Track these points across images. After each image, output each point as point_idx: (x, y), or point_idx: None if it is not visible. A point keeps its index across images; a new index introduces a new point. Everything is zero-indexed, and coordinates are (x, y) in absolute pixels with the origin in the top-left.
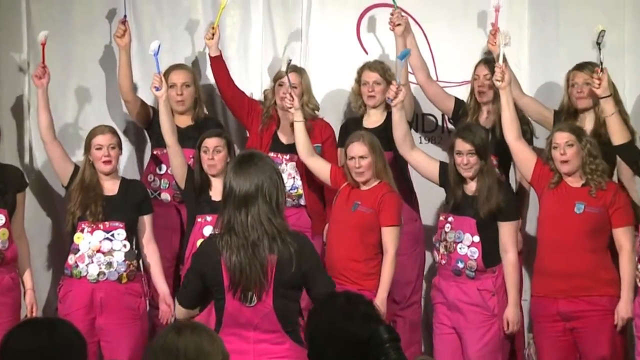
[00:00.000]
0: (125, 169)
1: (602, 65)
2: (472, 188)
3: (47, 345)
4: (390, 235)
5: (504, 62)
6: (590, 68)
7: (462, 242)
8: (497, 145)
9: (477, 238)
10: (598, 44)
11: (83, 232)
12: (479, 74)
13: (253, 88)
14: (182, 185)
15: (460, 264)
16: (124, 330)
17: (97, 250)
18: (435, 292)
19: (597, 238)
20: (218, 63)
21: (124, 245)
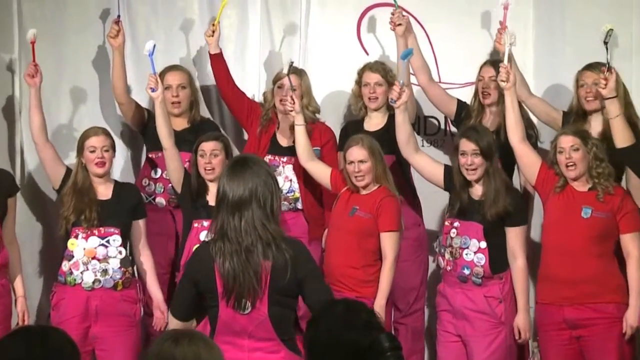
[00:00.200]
0: (119, 172)
1: (609, 65)
2: (478, 192)
3: (39, 354)
4: (389, 241)
5: (510, 62)
6: (599, 68)
7: (468, 248)
8: (501, 149)
9: (483, 244)
10: (605, 43)
11: (77, 238)
12: (484, 75)
13: (250, 90)
14: (178, 190)
15: (466, 271)
16: (120, 338)
17: (92, 257)
18: (440, 299)
19: (603, 243)
20: (218, 61)
21: (120, 252)
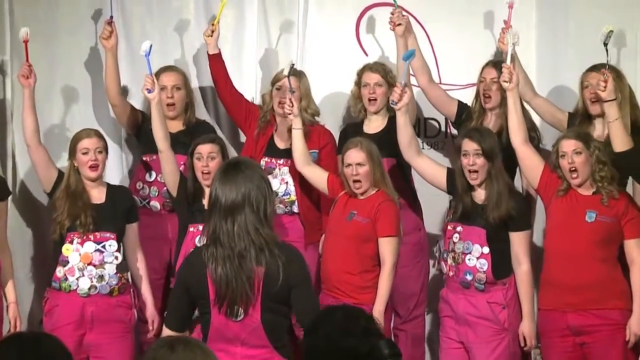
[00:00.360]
0: (112, 175)
1: (608, 67)
2: (481, 196)
3: None
4: (388, 246)
5: (513, 62)
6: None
7: (470, 253)
8: (503, 151)
9: (486, 249)
10: (605, 45)
11: (73, 243)
12: (486, 77)
13: (247, 91)
14: (174, 193)
15: (469, 276)
16: (115, 345)
17: (88, 263)
18: (443, 304)
19: (607, 248)
20: (217, 61)
21: (116, 258)
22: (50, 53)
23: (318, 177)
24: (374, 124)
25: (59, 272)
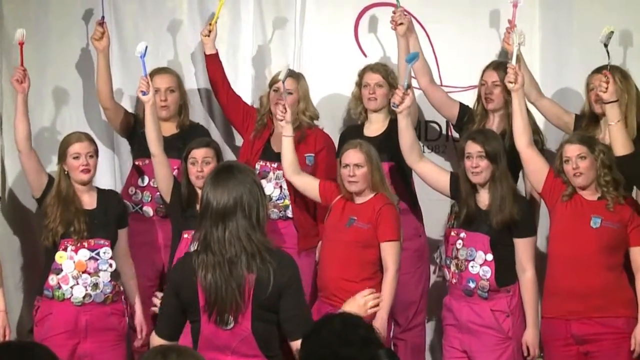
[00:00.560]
0: (104, 180)
1: (610, 68)
2: (485, 201)
3: None
4: (391, 251)
5: (518, 62)
6: (612, 72)
7: (474, 260)
8: (506, 154)
9: (490, 256)
10: (606, 46)
11: (66, 250)
12: (487, 80)
13: (243, 93)
14: (167, 199)
15: (472, 284)
16: (109, 354)
17: (82, 271)
18: (446, 312)
19: (613, 255)
20: (214, 62)
21: (110, 265)
22: (41, 54)
23: (309, 185)
24: (375, 127)
25: (52, 280)
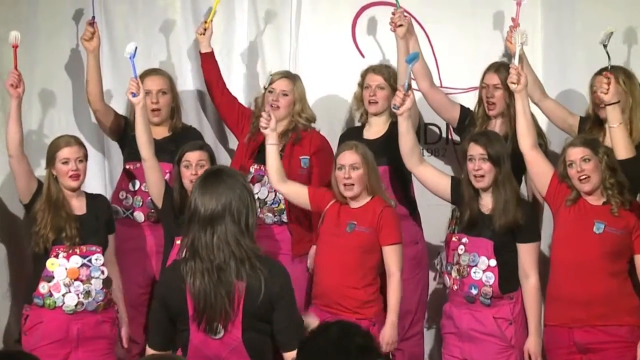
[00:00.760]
0: (94, 185)
1: (611, 68)
2: (488, 205)
3: None
4: (394, 254)
5: (521, 62)
6: (615, 73)
7: (476, 265)
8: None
9: (493, 262)
10: (605, 46)
11: (58, 257)
12: (488, 83)
13: (237, 94)
14: (159, 204)
15: (474, 290)
16: None
17: (74, 278)
18: (446, 320)
19: (617, 262)
20: (209, 61)
21: (102, 272)
22: (29, 55)
23: (297, 193)
24: (375, 129)
25: (43, 287)
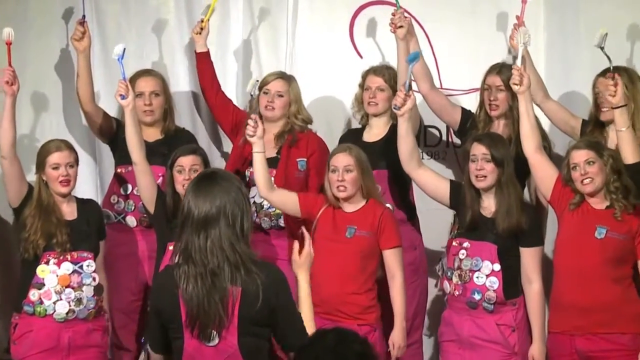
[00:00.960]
0: (85, 189)
1: (613, 69)
2: (490, 208)
3: None
4: (396, 258)
5: (524, 62)
6: (616, 74)
7: (480, 270)
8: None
9: (497, 266)
10: (601, 48)
11: (48, 264)
12: (491, 85)
13: (232, 96)
14: (150, 209)
15: (477, 296)
16: None
17: (66, 285)
18: (445, 328)
19: (619, 267)
20: (204, 61)
21: (94, 279)
22: (18, 55)
23: (287, 200)
24: (375, 131)
25: (33, 295)
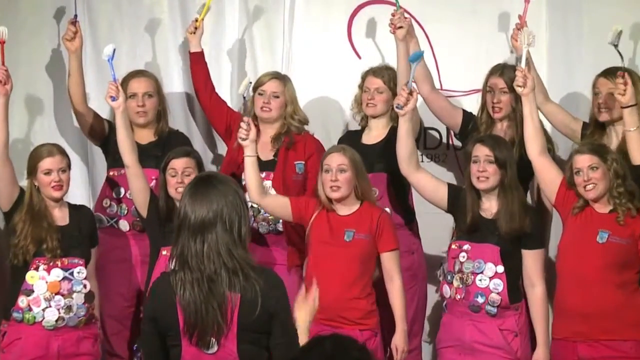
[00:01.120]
0: (77, 193)
1: (625, 70)
2: (491, 209)
3: None
4: (394, 260)
5: (527, 64)
6: (617, 74)
7: (482, 272)
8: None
9: (501, 268)
10: (615, 46)
11: (38, 270)
12: (493, 87)
13: (226, 98)
14: (143, 213)
15: (480, 299)
16: None
17: (55, 292)
18: (444, 334)
19: (622, 273)
20: (198, 61)
21: (84, 286)
22: (10, 55)
23: (279, 205)
24: (374, 133)
25: (22, 302)
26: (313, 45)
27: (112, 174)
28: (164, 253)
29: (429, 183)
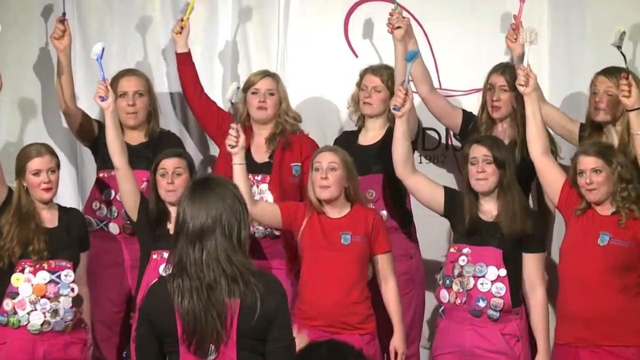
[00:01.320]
0: (66, 195)
1: (628, 71)
2: (491, 212)
3: None
4: (388, 262)
5: (528, 63)
6: (617, 75)
7: (484, 276)
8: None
9: (503, 271)
10: (618, 47)
11: (24, 272)
12: (494, 85)
13: (219, 99)
14: (133, 216)
15: (482, 303)
16: None
17: (41, 295)
18: (441, 340)
19: (624, 276)
20: (186, 61)
21: (72, 289)
22: None
23: (269, 212)
24: (371, 134)
25: (7, 304)
26: (309, 44)
27: (102, 176)
28: (154, 257)
29: (425, 187)
